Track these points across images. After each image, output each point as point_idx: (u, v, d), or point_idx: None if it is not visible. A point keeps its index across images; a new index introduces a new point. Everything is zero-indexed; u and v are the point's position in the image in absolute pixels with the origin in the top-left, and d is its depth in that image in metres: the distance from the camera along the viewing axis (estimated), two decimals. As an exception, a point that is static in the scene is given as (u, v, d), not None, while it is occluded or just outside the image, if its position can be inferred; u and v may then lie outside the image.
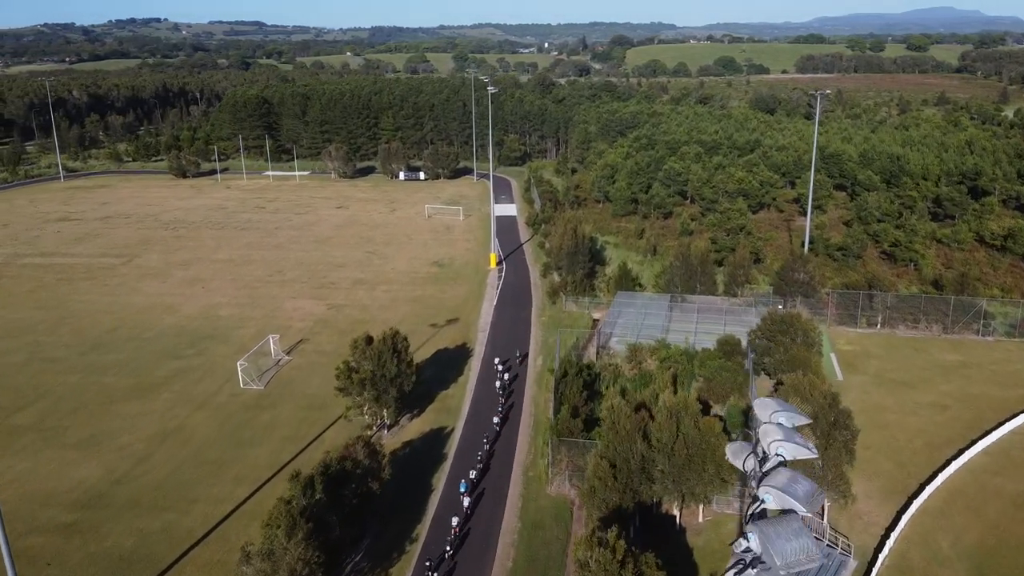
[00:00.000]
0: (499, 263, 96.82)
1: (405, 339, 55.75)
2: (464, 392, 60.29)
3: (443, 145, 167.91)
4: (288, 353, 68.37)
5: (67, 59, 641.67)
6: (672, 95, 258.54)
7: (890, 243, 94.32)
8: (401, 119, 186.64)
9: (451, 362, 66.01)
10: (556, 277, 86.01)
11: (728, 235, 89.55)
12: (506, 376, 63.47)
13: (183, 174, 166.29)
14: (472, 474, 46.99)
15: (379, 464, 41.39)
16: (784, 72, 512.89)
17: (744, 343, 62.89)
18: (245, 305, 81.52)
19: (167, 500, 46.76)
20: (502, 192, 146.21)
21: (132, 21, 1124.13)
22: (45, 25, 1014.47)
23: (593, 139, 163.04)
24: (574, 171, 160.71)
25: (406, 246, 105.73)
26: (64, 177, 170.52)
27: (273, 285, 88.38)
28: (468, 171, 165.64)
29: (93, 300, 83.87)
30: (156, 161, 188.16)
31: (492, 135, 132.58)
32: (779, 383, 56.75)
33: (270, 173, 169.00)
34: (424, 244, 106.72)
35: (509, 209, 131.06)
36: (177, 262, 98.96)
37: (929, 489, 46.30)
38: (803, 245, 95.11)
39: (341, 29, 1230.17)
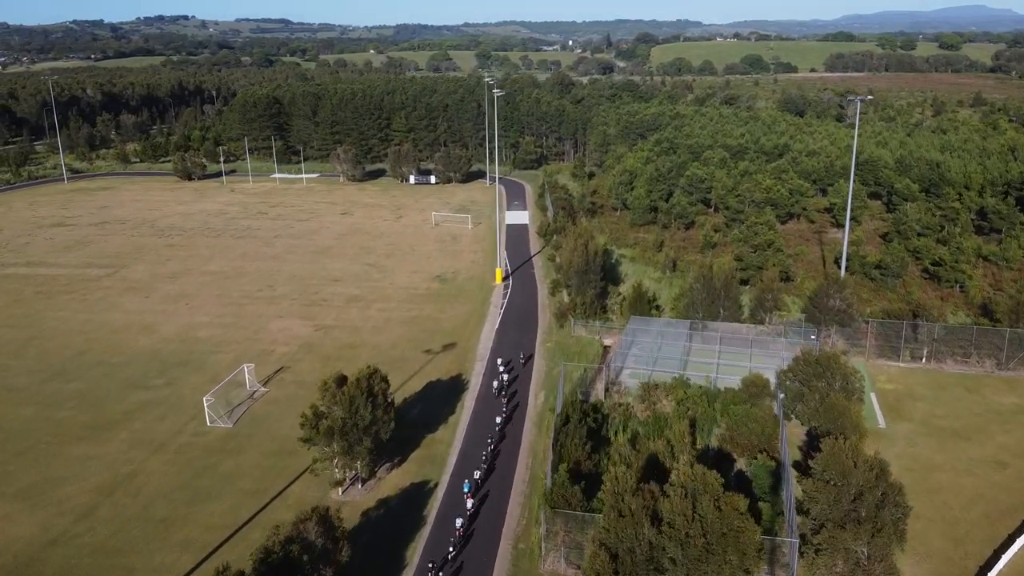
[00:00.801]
0: (505, 278, 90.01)
1: (385, 379, 49.10)
2: (454, 436, 53.50)
3: (455, 148, 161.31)
4: (265, 384, 62.04)
5: (92, 56, 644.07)
6: (696, 95, 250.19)
7: (932, 261, 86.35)
8: (414, 120, 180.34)
9: (443, 397, 59.27)
10: (565, 296, 79.03)
11: (755, 251, 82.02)
12: (505, 377, 61.29)
13: (188, 176, 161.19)
14: (451, 551, 40.18)
15: (335, 544, 34.76)
16: (813, 71, 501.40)
17: (773, 382, 55.62)
18: (228, 325, 75.35)
19: (101, 570, 40.50)
20: (515, 198, 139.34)
21: (160, 18, 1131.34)
22: (74, 22, 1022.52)
23: (612, 142, 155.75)
24: (591, 175, 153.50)
25: (408, 258, 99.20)
26: (68, 179, 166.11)
27: (261, 302, 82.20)
28: (482, 175, 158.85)
29: (68, 318, 78.15)
30: (164, 162, 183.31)
31: (496, 140, 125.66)
32: (814, 434, 49.51)
33: (277, 176, 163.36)
34: (428, 256, 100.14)
35: (521, 217, 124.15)
36: (165, 274, 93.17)
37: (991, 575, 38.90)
38: (837, 264, 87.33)
39: (366, 27, 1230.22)
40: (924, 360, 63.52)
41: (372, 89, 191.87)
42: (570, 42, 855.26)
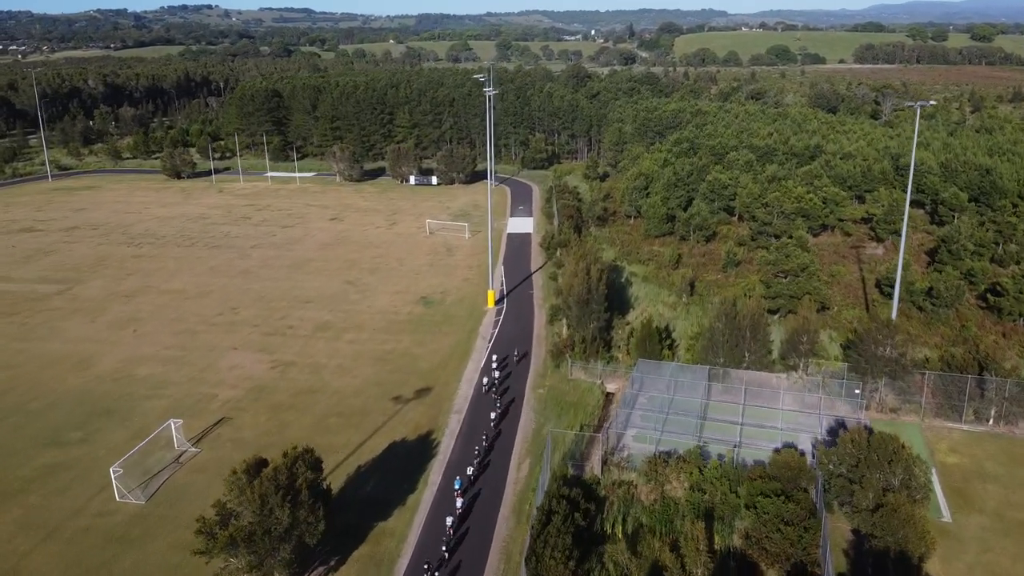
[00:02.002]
0: (500, 301, 79.44)
1: (316, 463, 38.86)
2: (410, 525, 43.10)
3: (460, 146, 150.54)
4: (197, 442, 52.03)
5: (112, 45, 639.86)
6: (721, 88, 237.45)
7: (989, 287, 74.72)
8: (419, 115, 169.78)
9: (405, 466, 48.90)
10: (564, 327, 68.38)
11: (786, 277, 70.78)
12: (497, 375, 59.15)
13: (177, 175, 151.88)
14: None
15: None
16: (841, 62, 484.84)
17: (810, 458, 44.81)
18: (173, 360, 65.47)
19: None
20: (520, 202, 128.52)
21: (184, 8, 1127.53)
22: (98, 11, 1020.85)
23: (628, 140, 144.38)
24: (605, 176, 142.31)
25: (394, 274, 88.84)
26: (54, 176, 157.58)
27: (218, 329, 72.23)
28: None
29: (0, 347, 68.78)
30: (156, 159, 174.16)
31: (492, 142, 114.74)
32: (863, 535, 38.71)
33: (269, 175, 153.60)
34: (416, 272, 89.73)
35: (525, 224, 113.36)
36: (122, 292, 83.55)
37: None
38: (880, 288, 75.95)
39: (388, 16, 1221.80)
40: (991, 422, 52.26)
41: (375, 82, 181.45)
42: (592, 32, 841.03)
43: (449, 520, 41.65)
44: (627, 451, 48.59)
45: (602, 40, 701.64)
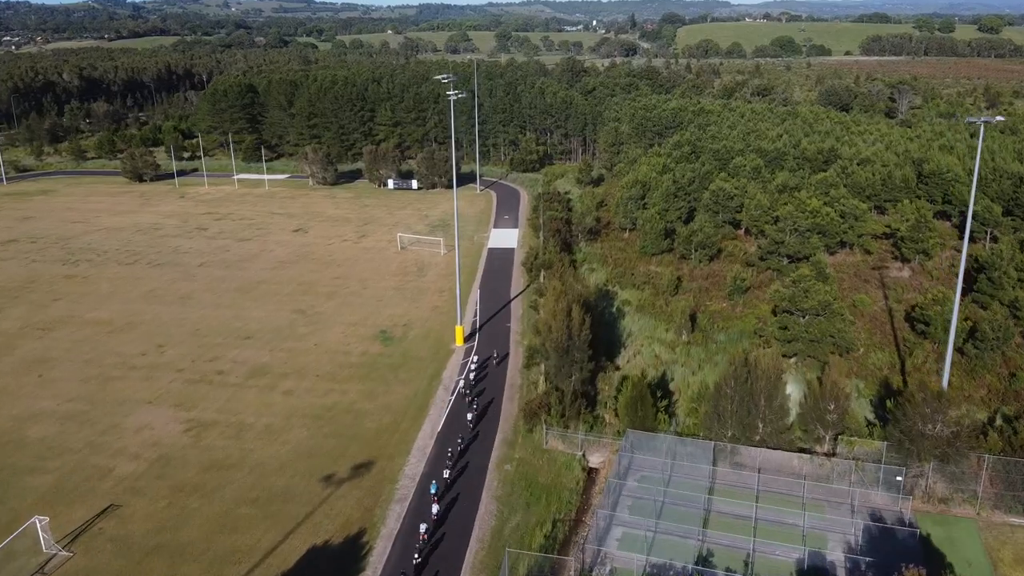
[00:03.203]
0: (470, 337, 68.57)
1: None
2: None
3: (441, 148, 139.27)
4: (72, 542, 41.36)
5: (106, 36, 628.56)
6: (724, 83, 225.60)
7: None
8: (401, 112, 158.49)
9: (325, 584, 38.25)
10: (542, 380, 57.59)
11: (803, 317, 59.84)
12: (472, 376, 57.88)
13: (139, 177, 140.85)
14: None
15: None
16: (848, 54, 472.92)
17: (845, 570, 34.19)
18: (75, 417, 54.75)
19: None
20: (506, 210, 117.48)
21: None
22: (96, 1, 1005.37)
23: (625, 141, 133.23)
24: (599, 181, 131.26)
25: (353, 301, 77.97)
26: (9, 180, 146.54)
27: (136, 375, 61.45)
28: (473, 178, 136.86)
29: None
30: (119, 158, 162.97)
31: (453, 151, 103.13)
32: None
33: (237, 177, 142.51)
34: (379, 298, 78.84)
35: (508, 237, 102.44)
36: (39, 323, 72.78)
37: None
38: (912, 323, 65.00)
39: (389, 7, 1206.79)
40: (1071, 517, 41.48)
41: (356, 77, 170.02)
42: (594, 22, 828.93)
43: None
44: (610, 565, 37.85)
45: (603, 31, 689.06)
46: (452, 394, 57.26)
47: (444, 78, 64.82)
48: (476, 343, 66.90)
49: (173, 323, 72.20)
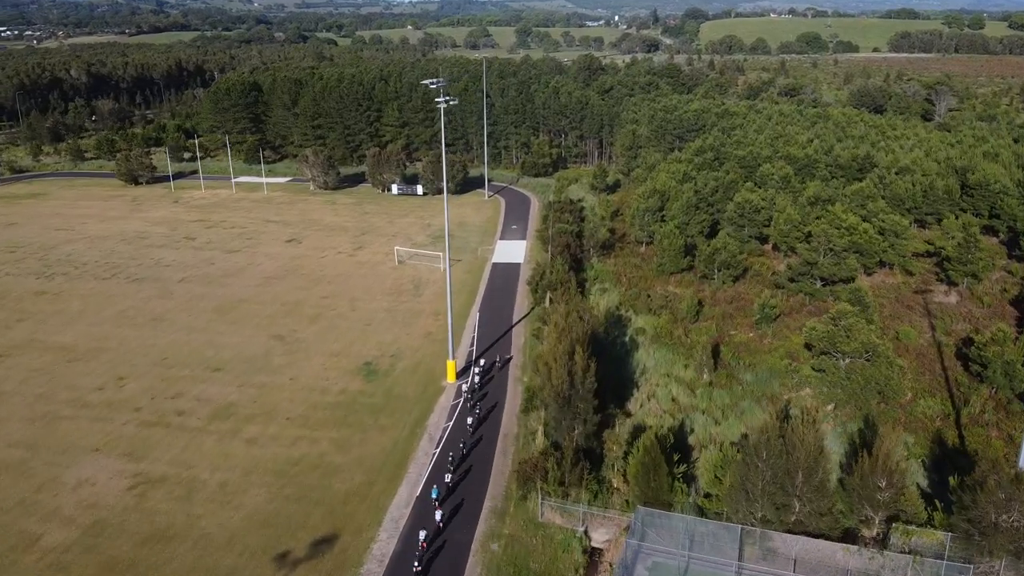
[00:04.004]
0: (464, 371, 61.29)
1: None
2: None
3: (448, 151, 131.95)
4: (-34, 642, 34.63)
5: (127, 31, 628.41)
6: (749, 81, 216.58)
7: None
8: (409, 112, 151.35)
9: None
10: (541, 431, 50.26)
11: (844, 360, 51.97)
12: (478, 379, 57.44)
13: (134, 180, 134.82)
14: None
15: None
16: (875, 50, 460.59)
17: None
18: (12, 468, 48.16)
19: None
20: (515, 219, 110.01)
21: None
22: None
23: (643, 144, 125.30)
24: (615, 187, 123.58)
25: (340, 325, 70.98)
26: (3, 181, 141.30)
27: (88, 414, 54.80)
28: (482, 183, 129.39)
29: None
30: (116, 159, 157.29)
31: (445, 157, 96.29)
32: None
33: (235, 180, 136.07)
34: (367, 321, 71.77)
35: (515, 251, 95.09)
36: (-5, 348, 66.50)
37: None
38: (964, 361, 56.85)
39: (411, 2, 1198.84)
40: None
41: (362, 75, 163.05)
42: (616, 17, 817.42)
43: None
44: None
45: (625, 26, 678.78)
46: (437, 447, 50.01)
47: (433, 83, 57.06)
48: (471, 382, 59.53)
49: (140, 350, 65.55)
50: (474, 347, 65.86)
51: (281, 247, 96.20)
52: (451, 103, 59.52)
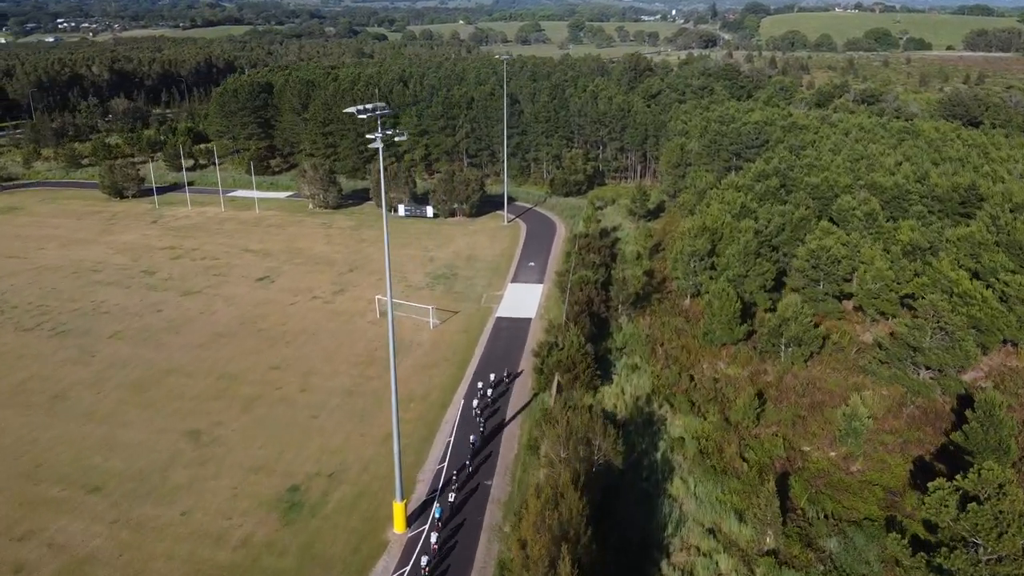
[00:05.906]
0: (433, 496, 43.85)
1: None
2: None
3: (463, 167, 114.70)
4: None
5: (180, 24, 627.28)
6: (818, 84, 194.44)
7: None
8: (428, 120, 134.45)
9: None
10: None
11: (984, 554, 33.20)
12: (489, 392, 53.83)
13: (119, 193, 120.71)
14: None
15: None
16: (950, 48, 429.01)
17: None
18: None
19: None
20: (534, 253, 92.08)
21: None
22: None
23: (693, 162, 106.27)
24: (658, 212, 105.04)
25: (277, 417, 54.18)
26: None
27: None
28: (501, 203, 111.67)
29: None
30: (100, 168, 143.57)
31: (385, 205, 76.23)
32: None
33: (227, 195, 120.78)
34: (316, 411, 54.87)
35: (527, 299, 77.20)
36: None
37: None
38: None
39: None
40: None
41: (380, 77, 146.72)
42: (673, 12, 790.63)
43: None
44: None
45: (682, 21, 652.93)
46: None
47: (360, 111, 39.28)
48: (432, 522, 42.21)
49: (13, 450, 49.80)
50: (446, 463, 48.44)
51: (248, 288, 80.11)
52: (398, 138, 42.21)
